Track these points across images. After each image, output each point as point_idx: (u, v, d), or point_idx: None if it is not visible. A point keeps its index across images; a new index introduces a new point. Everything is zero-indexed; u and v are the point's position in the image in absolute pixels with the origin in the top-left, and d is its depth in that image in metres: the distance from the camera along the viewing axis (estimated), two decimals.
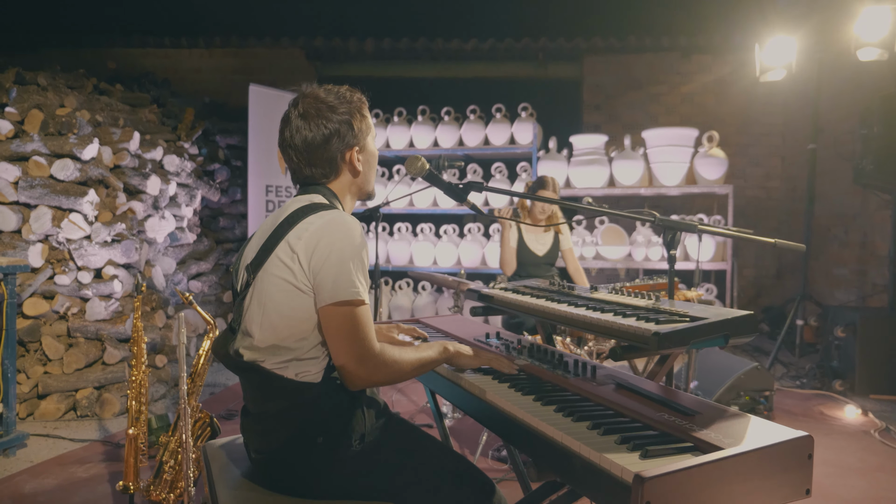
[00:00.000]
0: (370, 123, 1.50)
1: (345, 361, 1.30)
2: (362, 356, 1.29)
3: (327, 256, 1.29)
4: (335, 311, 1.29)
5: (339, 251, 1.29)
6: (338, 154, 1.43)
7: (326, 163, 1.43)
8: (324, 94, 1.43)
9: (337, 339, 1.30)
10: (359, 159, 1.47)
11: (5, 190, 3.73)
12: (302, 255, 1.30)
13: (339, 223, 1.33)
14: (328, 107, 1.41)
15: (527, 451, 1.30)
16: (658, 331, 1.32)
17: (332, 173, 1.45)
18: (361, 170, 1.48)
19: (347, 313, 1.29)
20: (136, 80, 5.92)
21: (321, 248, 1.30)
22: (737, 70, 6.59)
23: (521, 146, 5.53)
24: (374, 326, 1.35)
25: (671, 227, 1.64)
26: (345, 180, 1.48)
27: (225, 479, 1.44)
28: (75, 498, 2.65)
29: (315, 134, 1.40)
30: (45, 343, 3.73)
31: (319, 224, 1.32)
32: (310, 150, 1.42)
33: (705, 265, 5.23)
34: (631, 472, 0.96)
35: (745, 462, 1.01)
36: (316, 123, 1.40)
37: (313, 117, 1.40)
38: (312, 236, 1.31)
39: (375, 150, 1.53)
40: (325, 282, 1.29)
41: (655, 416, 1.21)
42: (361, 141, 1.46)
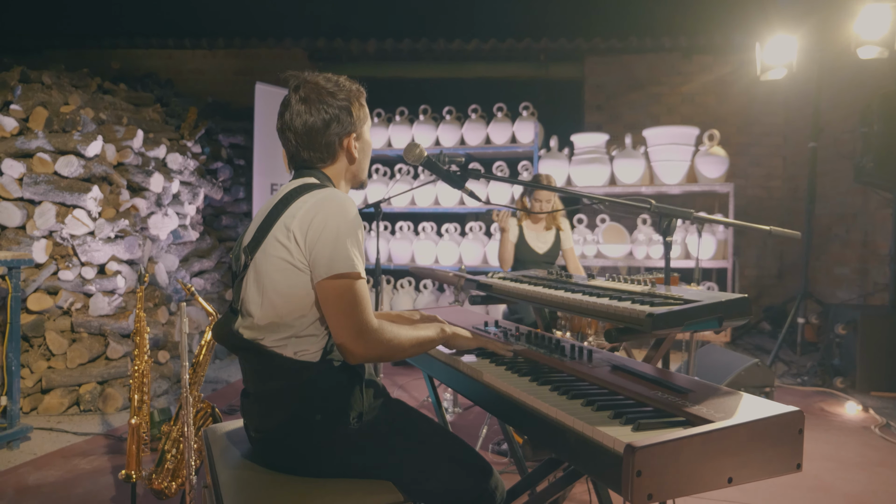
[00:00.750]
0: (367, 114, 1.52)
1: (343, 335, 1.31)
2: (360, 330, 1.30)
3: (322, 231, 1.30)
4: (332, 285, 1.30)
5: (333, 226, 1.31)
6: (336, 139, 1.45)
7: (324, 147, 1.45)
8: (324, 81, 1.46)
9: (334, 313, 1.31)
10: (355, 146, 1.49)
11: (10, 186, 3.76)
12: (297, 232, 1.32)
13: (333, 199, 1.35)
14: (328, 92, 1.43)
15: (522, 429, 1.32)
16: (652, 312, 1.33)
17: (328, 158, 1.47)
18: (357, 157, 1.50)
19: (344, 286, 1.30)
20: (140, 80, 5.96)
21: (316, 223, 1.31)
22: (737, 70, 6.61)
23: (523, 145, 5.56)
24: (370, 302, 1.36)
25: (667, 213, 1.66)
26: (340, 166, 1.50)
27: (225, 460, 1.46)
28: (78, 489, 2.67)
29: (315, 118, 1.42)
30: (48, 338, 3.75)
31: (313, 202, 1.34)
32: (309, 133, 1.44)
33: (706, 263, 5.24)
34: (622, 443, 0.97)
35: (736, 434, 1.03)
36: (317, 108, 1.42)
37: (314, 102, 1.42)
38: (307, 213, 1.33)
39: (370, 140, 1.56)
40: (320, 256, 1.30)
41: (649, 394, 1.22)
42: (359, 129, 1.49)
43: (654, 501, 0.96)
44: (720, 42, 6.56)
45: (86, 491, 2.65)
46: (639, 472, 0.94)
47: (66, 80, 4.52)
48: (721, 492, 2.65)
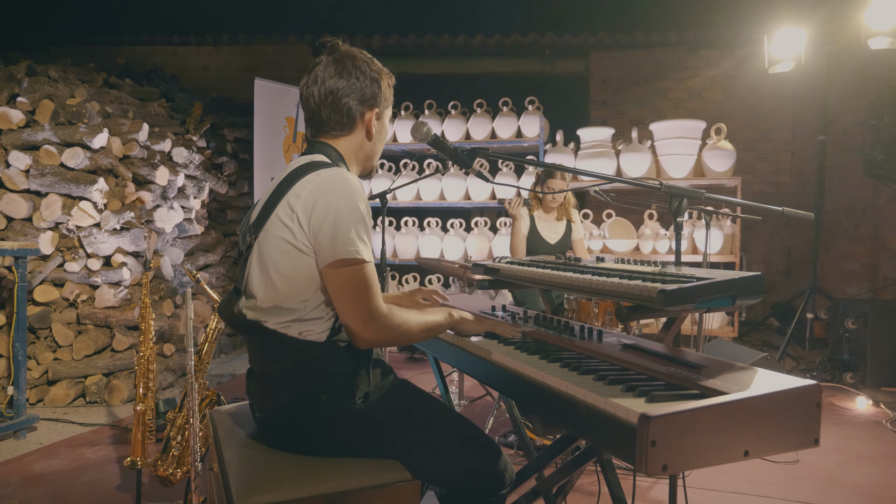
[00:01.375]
0: (390, 99, 1.50)
1: (351, 322, 1.28)
2: (368, 316, 1.27)
3: (326, 215, 1.26)
4: (337, 271, 1.27)
5: (337, 210, 1.26)
6: (358, 110, 1.42)
7: (345, 113, 1.42)
8: (358, 52, 1.45)
9: (342, 299, 1.28)
10: (375, 124, 1.46)
11: (17, 178, 3.77)
12: (301, 213, 1.28)
13: (338, 180, 1.30)
14: (363, 61, 1.43)
15: (531, 407, 1.30)
16: (664, 288, 1.31)
17: (347, 126, 1.43)
18: (374, 137, 1.48)
19: (351, 272, 1.27)
20: (146, 75, 5.97)
21: (320, 206, 1.27)
22: (744, 64, 6.57)
23: (528, 139, 5.53)
24: (379, 286, 1.33)
25: (677, 193, 1.64)
26: (356, 140, 1.46)
27: (230, 440, 1.45)
28: (84, 477, 2.67)
29: (344, 82, 1.40)
30: (55, 330, 3.76)
31: (318, 182, 1.30)
32: (334, 94, 1.40)
33: (713, 258, 5.20)
34: (636, 413, 0.95)
35: (753, 406, 1.01)
36: (348, 72, 1.40)
37: (346, 65, 1.40)
38: (311, 194, 1.28)
39: (388, 127, 1.54)
40: (325, 241, 1.26)
41: (662, 370, 1.20)
42: (382, 108, 1.47)
43: (668, 472, 0.94)
44: (727, 36, 6.51)
45: (91, 479, 2.64)
46: (653, 443, 0.92)
47: (72, 75, 4.52)
48: (732, 483, 2.62)
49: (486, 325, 1.55)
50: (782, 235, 6.77)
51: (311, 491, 1.23)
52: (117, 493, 2.51)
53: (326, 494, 1.23)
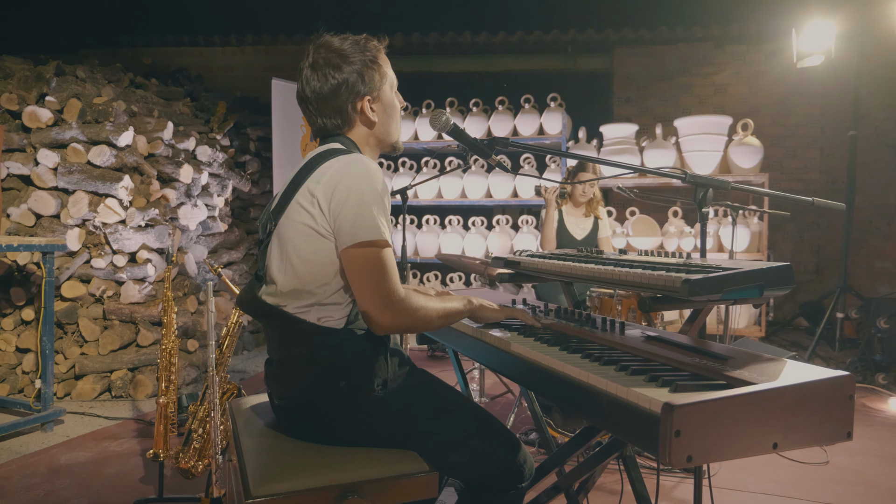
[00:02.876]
0: (386, 72, 1.45)
1: (369, 305, 1.26)
2: (387, 299, 1.25)
3: (346, 197, 1.26)
4: (357, 253, 1.26)
5: (358, 192, 1.26)
6: (347, 104, 1.40)
7: (336, 113, 1.41)
8: (338, 42, 1.41)
9: (360, 282, 1.27)
10: (372, 109, 1.43)
11: (45, 176, 3.84)
12: (321, 198, 1.29)
13: (358, 164, 1.30)
14: (339, 55, 1.39)
15: (552, 397, 1.27)
16: (689, 278, 1.27)
17: (345, 124, 1.43)
18: (377, 120, 1.45)
19: (370, 254, 1.26)
20: (171, 75, 6.06)
21: (340, 189, 1.27)
22: (772, 58, 6.44)
23: (551, 136, 5.49)
24: (397, 271, 1.32)
25: (702, 183, 1.60)
26: (361, 131, 1.45)
27: (249, 430, 1.44)
28: (108, 469, 2.70)
29: (322, 84, 1.38)
30: (81, 325, 3.82)
31: (338, 167, 1.30)
32: (319, 100, 1.40)
33: (739, 256, 5.09)
34: (660, 403, 0.92)
35: (782, 397, 0.97)
36: (323, 73, 1.38)
37: (321, 67, 1.38)
38: (331, 179, 1.29)
39: (395, 100, 1.49)
40: (345, 223, 1.26)
41: (686, 360, 1.17)
42: (375, 90, 1.43)
43: (693, 464, 0.91)
44: (754, 30, 6.39)
45: (115, 471, 2.68)
46: (677, 433, 0.89)
47: (99, 75, 4.60)
48: (759, 483, 2.56)
49: (505, 311, 1.53)
50: (811, 233, 6.62)
51: (328, 480, 1.22)
52: (140, 485, 2.54)
53: (343, 484, 1.22)
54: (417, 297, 1.33)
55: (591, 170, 3.65)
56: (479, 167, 5.70)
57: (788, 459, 2.81)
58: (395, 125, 1.50)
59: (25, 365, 3.77)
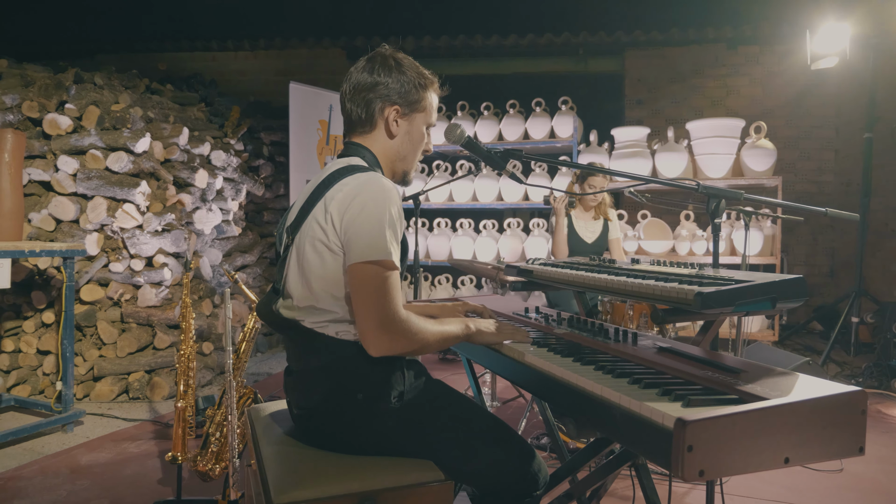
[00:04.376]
0: (426, 105, 1.49)
1: (366, 325, 1.26)
2: (385, 321, 1.26)
3: (358, 214, 1.28)
4: (362, 270, 1.27)
5: (370, 210, 1.28)
6: (376, 103, 1.44)
7: (364, 106, 1.44)
8: (404, 55, 1.48)
9: (361, 301, 1.27)
10: (397, 122, 1.46)
11: (65, 181, 3.91)
12: (335, 214, 1.31)
13: (373, 183, 1.32)
14: (396, 63, 1.45)
15: (565, 408, 1.29)
16: (701, 291, 1.29)
17: (367, 121, 1.46)
18: (397, 134, 1.47)
19: (374, 273, 1.26)
20: (186, 81, 6.13)
21: (353, 206, 1.29)
22: (785, 60, 6.40)
23: (562, 139, 5.49)
24: (401, 294, 1.32)
25: (715, 194, 1.61)
26: (381, 141, 1.47)
27: (268, 437, 1.48)
28: (127, 470, 2.76)
29: (367, 76, 1.43)
30: (100, 328, 3.89)
31: (353, 185, 1.32)
32: (357, 87, 1.45)
33: (752, 260, 5.07)
34: (672, 418, 0.94)
35: (793, 413, 0.98)
36: (372, 67, 1.44)
37: (374, 61, 1.45)
38: (346, 196, 1.31)
39: (424, 134, 1.52)
40: (353, 239, 1.28)
41: (698, 374, 1.18)
42: (408, 109, 1.46)
43: (706, 478, 0.93)
44: (767, 32, 6.35)
45: (134, 472, 2.73)
46: (690, 448, 0.91)
47: (116, 81, 4.67)
48: (772, 490, 2.56)
49: (502, 335, 1.51)
50: (826, 236, 6.57)
51: (347, 489, 1.25)
52: (159, 486, 2.59)
53: (361, 492, 1.25)
54: (417, 321, 1.33)
55: (601, 174, 3.66)
56: (490, 170, 5.72)
57: (802, 466, 2.81)
58: (413, 154, 1.52)
59: (46, 367, 3.84)
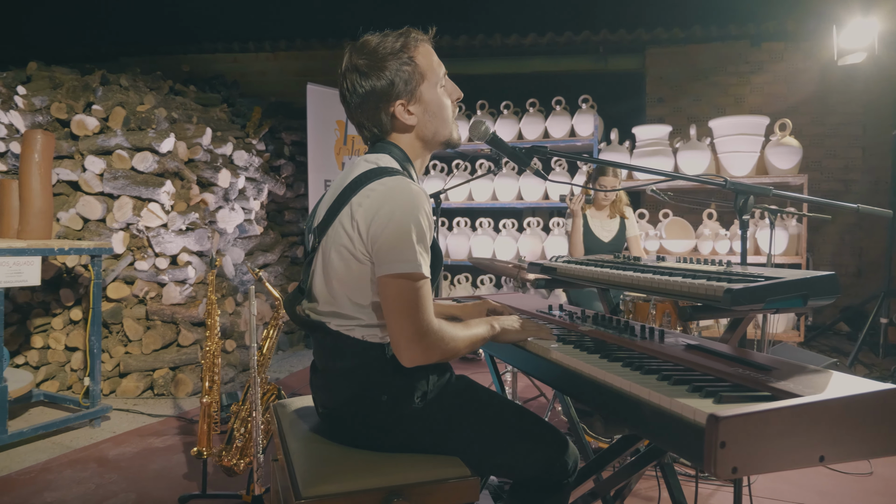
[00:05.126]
0: (424, 70, 1.37)
1: (399, 338, 1.25)
2: (417, 333, 1.24)
3: (386, 225, 1.23)
4: (392, 283, 1.24)
5: (398, 221, 1.23)
6: (380, 111, 1.37)
7: (370, 121, 1.39)
8: (373, 42, 1.36)
9: (393, 314, 1.25)
10: (410, 112, 1.38)
11: (92, 181, 3.98)
12: (361, 222, 1.27)
13: (402, 190, 1.26)
14: (369, 59, 1.34)
15: (593, 405, 1.28)
16: (731, 287, 1.27)
17: (382, 131, 1.41)
18: (415, 122, 1.39)
19: (404, 287, 1.24)
20: (208, 82, 6.20)
21: (381, 216, 1.24)
22: (811, 56, 6.29)
23: (582, 138, 5.46)
24: (433, 302, 1.30)
25: (743, 190, 1.59)
26: (402, 135, 1.42)
27: (294, 433, 1.49)
28: (153, 464, 2.80)
29: (352, 94, 1.37)
30: (126, 325, 3.95)
31: (381, 191, 1.27)
32: (352, 110, 1.40)
33: (777, 259, 5.00)
34: (704, 414, 0.93)
35: (829, 410, 0.96)
36: (351, 82, 1.35)
37: (350, 74, 1.36)
38: (373, 203, 1.26)
39: (440, 96, 1.41)
40: (382, 251, 1.24)
41: (728, 371, 1.17)
42: (409, 92, 1.36)
43: (739, 475, 0.91)
44: (792, 27, 6.25)
45: (160, 467, 2.77)
46: (723, 444, 0.90)
47: (141, 83, 4.75)
48: (799, 493, 2.52)
49: (527, 332, 1.51)
50: (853, 235, 6.45)
51: (373, 483, 1.25)
52: (184, 480, 2.62)
53: (387, 487, 1.25)
54: (449, 329, 1.31)
55: (612, 172, 3.62)
56: (509, 169, 5.70)
57: (830, 469, 2.75)
58: (443, 122, 1.42)
59: (74, 363, 3.91)
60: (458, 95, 1.48)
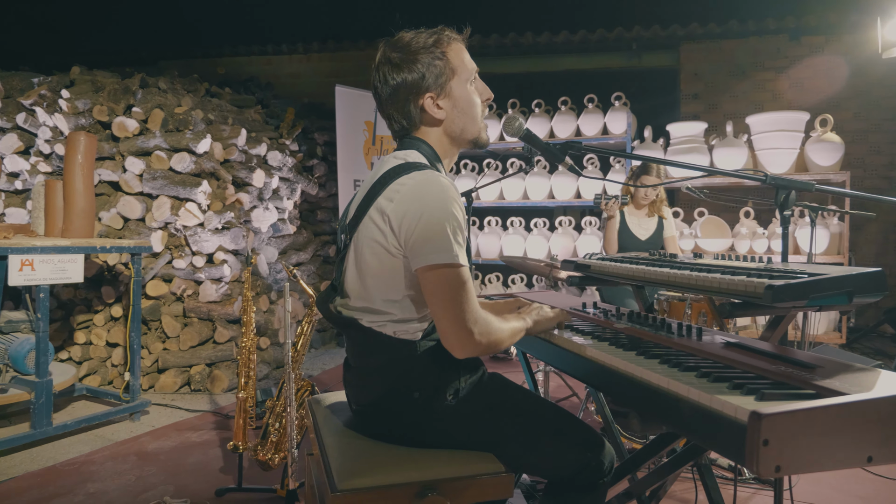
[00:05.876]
0: (456, 66, 1.39)
1: (447, 329, 1.24)
2: (463, 322, 1.23)
3: (419, 219, 1.24)
4: (431, 276, 1.24)
5: (430, 212, 1.24)
6: (409, 103, 1.38)
7: (400, 113, 1.40)
8: (407, 38, 1.39)
9: (436, 306, 1.25)
10: (439, 106, 1.39)
11: (132, 182, 4.10)
12: (392, 216, 1.27)
13: (431, 184, 1.27)
14: (402, 53, 1.37)
15: (630, 403, 1.26)
16: (772, 284, 1.24)
17: (411, 125, 1.42)
18: (444, 117, 1.40)
19: (444, 277, 1.23)
20: (243, 84, 6.32)
21: (413, 210, 1.25)
22: (854, 50, 6.10)
23: (615, 136, 5.40)
24: (475, 292, 1.30)
25: (784, 185, 1.55)
26: (430, 130, 1.42)
27: (329, 427, 1.50)
28: (190, 458, 2.86)
29: (384, 85, 1.39)
30: (164, 322, 4.05)
31: (410, 185, 1.28)
32: (383, 101, 1.41)
33: (818, 259, 4.86)
34: (746, 411, 0.90)
35: (877, 409, 0.93)
36: (384, 73, 1.38)
37: (382, 67, 1.38)
38: (404, 198, 1.27)
39: (470, 94, 1.42)
40: (417, 244, 1.24)
41: (770, 368, 1.14)
42: (440, 86, 1.38)
43: (782, 474, 0.89)
44: (833, 20, 6.07)
45: (197, 460, 2.83)
46: (766, 442, 0.87)
47: (178, 85, 4.86)
48: (841, 498, 2.44)
49: (557, 317, 1.53)
50: None
51: (408, 478, 1.26)
52: (220, 474, 2.68)
53: (422, 482, 1.26)
54: (493, 320, 1.31)
55: (655, 171, 3.57)
56: (541, 168, 5.67)
57: (873, 474, 2.67)
58: (471, 120, 1.44)
59: (115, 358, 4.03)
60: (488, 96, 1.50)
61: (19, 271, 2.82)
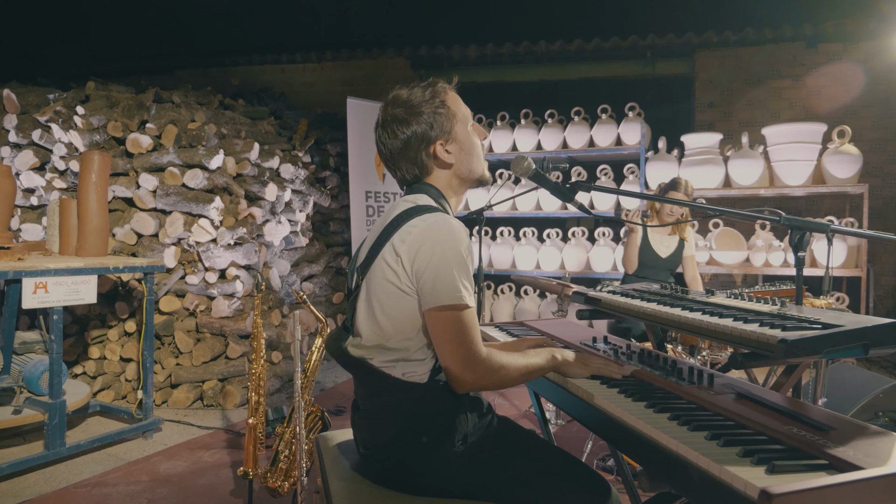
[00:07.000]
0: (456, 112, 1.47)
1: (451, 365, 1.30)
2: (468, 360, 1.29)
3: (430, 259, 1.30)
4: (439, 315, 1.29)
5: (441, 254, 1.29)
6: (421, 153, 1.44)
7: (412, 164, 1.46)
8: (405, 94, 1.46)
9: (442, 344, 1.31)
10: (448, 151, 1.46)
11: (145, 198, 4.13)
12: (405, 257, 1.32)
13: (442, 226, 1.33)
14: (406, 108, 1.43)
15: (638, 460, 1.24)
16: (785, 337, 1.21)
17: (423, 172, 1.47)
18: (454, 161, 1.47)
19: (450, 318, 1.29)
20: (256, 94, 6.35)
21: (424, 251, 1.30)
22: (873, 58, 5.99)
23: (629, 147, 5.35)
24: (479, 330, 1.34)
25: (799, 226, 1.52)
26: (441, 174, 1.48)
27: (336, 471, 1.50)
28: (202, 480, 2.88)
29: (393, 140, 1.44)
30: (177, 337, 4.08)
31: (423, 227, 1.33)
32: (394, 155, 1.46)
33: (836, 272, 4.78)
34: (756, 487, 0.88)
35: (893, 486, 0.91)
36: (392, 130, 1.44)
37: (389, 124, 1.44)
38: (416, 239, 1.32)
39: (471, 136, 1.50)
40: (427, 285, 1.30)
41: (782, 430, 1.11)
42: (446, 133, 1.45)
43: None
44: (851, 28, 5.97)
45: (209, 483, 2.85)
46: None
47: (192, 98, 4.89)
48: None
49: (590, 367, 1.50)
50: None
51: None
52: (231, 498, 2.69)
53: None
54: (499, 356, 1.35)
55: (682, 189, 3.53)
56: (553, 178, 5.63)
57: None
58: (477, 160, 1.51)
59: (128, 373, 4.07)
60: (484, 135, 1.58)
61: (33, 294, 2.85)
